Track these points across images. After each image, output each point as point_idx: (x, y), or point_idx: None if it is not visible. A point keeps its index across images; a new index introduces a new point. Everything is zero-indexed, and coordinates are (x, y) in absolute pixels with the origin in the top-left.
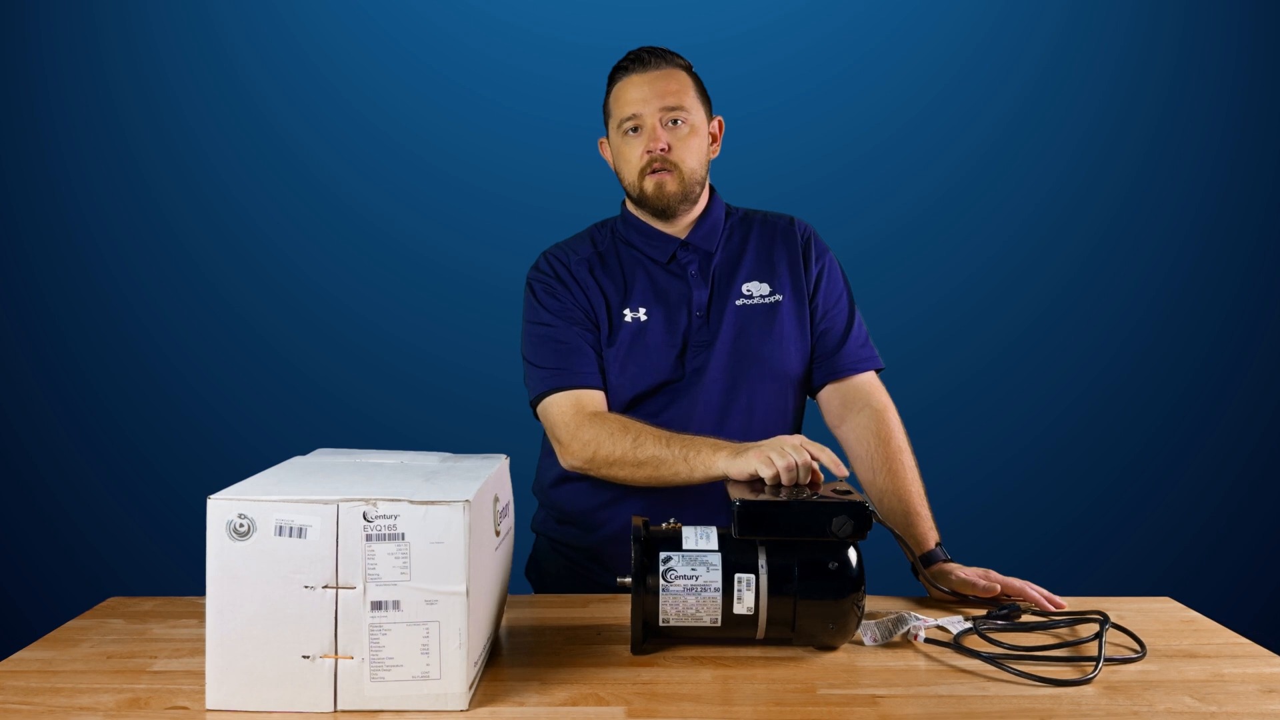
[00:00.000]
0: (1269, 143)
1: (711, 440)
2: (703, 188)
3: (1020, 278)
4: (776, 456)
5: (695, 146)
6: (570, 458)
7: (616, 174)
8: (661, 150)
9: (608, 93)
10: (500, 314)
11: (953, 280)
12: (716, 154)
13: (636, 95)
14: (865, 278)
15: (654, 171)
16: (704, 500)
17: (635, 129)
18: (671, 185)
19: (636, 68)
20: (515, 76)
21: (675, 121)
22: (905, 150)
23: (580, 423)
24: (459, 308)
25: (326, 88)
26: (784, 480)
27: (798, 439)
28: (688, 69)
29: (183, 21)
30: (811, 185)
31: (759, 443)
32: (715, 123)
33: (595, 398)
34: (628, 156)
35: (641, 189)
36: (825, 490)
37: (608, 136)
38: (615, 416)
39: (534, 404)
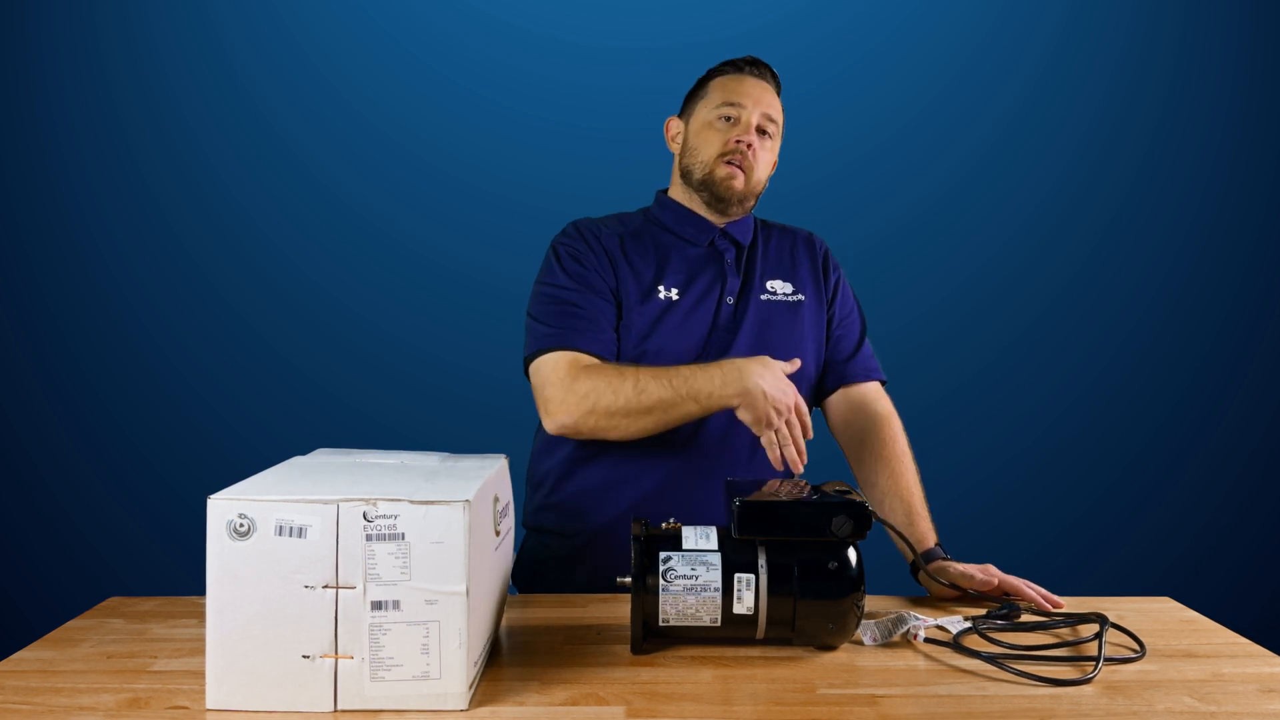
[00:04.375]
0: (1269, 143)
1: (705, 371)
2: (755, 201)
3: (1020, 278)
4: (775, 434)
5: (767, 163)
6: (564, 415)
7: (681, 152)
8: (748, 147)
9: (708, 79)
10: (501, 314)
11: (953, 280)
12: (765, 187)
13: (747, 91)
14: (865, 278)
15: (731, 163)
16: (705, 490)
17: (733, 119)
18: (739, 183)
19: (754, 72)
20: (515, 76)
21: (765, 133)
22: (905, 150)
23: (575, 375)
24: (459, 308)
25: (326, 88)
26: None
27: (802, 412)
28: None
29: (183, 21)
30: (811, 185)
31: (769, 400)
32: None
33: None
34: (711, 139)
35: (713, 171)
36: (824, 490)
37: (683, 116)
38: (610, 364)
39: (527, 361)
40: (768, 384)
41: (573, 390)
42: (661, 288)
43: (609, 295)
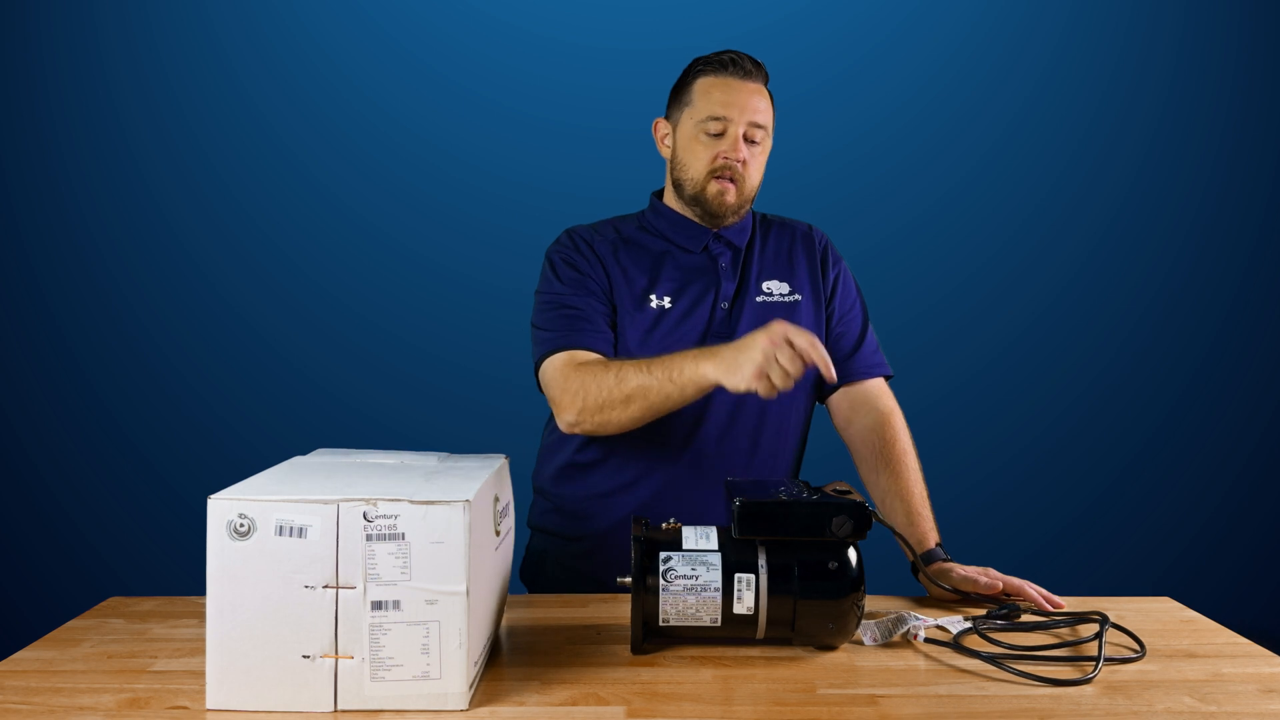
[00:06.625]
0: (1269, 143)
1: (692, 352)
2: (750, 205)
3: (1020, 278)
4: (776, 378)
5: (759, 166)
6: (566, 413)
7: (670, 159)
8: (739, 162)
9: (690, 80)
10: (501, 314)
11: (953, 280)
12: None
13: (731, 100)
14: (865, 278)
15: (721, 178)
16: (704, 490)
17: (720, 133)
18: (731, 197)
19: (736, 71)
20: (515, 76)
21: (755, 140)
22: (905, 150)
23: (569, 374)
24: (459, 308)
25: (326, 88)
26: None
27: (793, 340)
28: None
29: (183, 21)
30: (811, 185)
31: (751, 348)
32: None
33: (596, 358)
34: (699, 154)
35: (704, 189)
36: (824, 490)
37: (670, 119)
38: (599, 359)
39: (536, 370)
40: (760, 377)
41: (567, 389)
42: (654, 296)
43: (604, 297)
